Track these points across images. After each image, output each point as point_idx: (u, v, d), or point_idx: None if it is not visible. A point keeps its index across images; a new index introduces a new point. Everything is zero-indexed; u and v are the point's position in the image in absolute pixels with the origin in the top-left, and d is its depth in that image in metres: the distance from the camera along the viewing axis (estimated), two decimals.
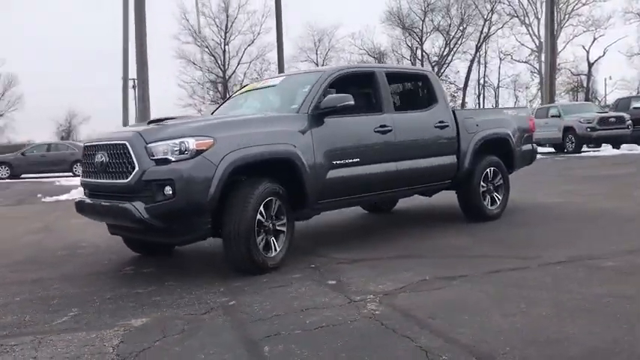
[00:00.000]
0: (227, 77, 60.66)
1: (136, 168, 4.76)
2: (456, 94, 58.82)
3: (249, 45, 58.27)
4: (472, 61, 57.97)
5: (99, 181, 5.20)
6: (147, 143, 4.78)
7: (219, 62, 60.98)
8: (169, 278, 5.10)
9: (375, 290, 4.33)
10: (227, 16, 59.40)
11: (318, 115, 5.55)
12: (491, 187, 7.31)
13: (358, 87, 6.56)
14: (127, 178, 4.83)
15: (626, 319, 3.40)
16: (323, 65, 60.75)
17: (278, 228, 5.23)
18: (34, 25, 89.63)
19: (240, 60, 59.63)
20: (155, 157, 4.73)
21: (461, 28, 57.19)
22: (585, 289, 4.06)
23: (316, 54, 64.77)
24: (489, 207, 7.25)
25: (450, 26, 57.35)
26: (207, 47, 60.58)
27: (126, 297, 4.58)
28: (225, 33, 60.29)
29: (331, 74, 5.94)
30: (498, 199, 7.38)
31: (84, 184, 5.56)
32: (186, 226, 4.89)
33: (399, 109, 6.65)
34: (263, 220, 5.02)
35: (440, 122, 6.72)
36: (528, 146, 8.02)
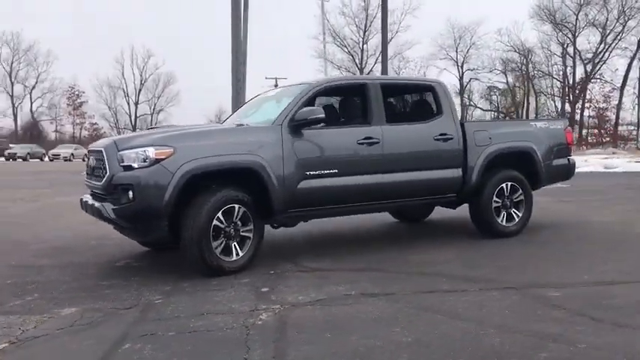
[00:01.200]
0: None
1: (108, 172, 5.29)
2: (611, 94, 54.25)
3: (387, 43, 58.38)
4: (633, 58, 52.88)
5: (90, 182, 5.82)
6: (118, 151, 5.29)
7: (357, 61, 62.04)
8: (141, 274, 5.57)
9: (289, 301, 4.46)
10: (367, 15, 60.26)
11: (294, 127, 5.73)
12: (509, 203, 6.98)
13: (349, 99, 6.63)
14: (101, 181, 5.38)
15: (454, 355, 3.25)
16: (463, 63, 59.38)
17: (243, 234, 5.49)
18: (189, 25, 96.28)
19: (377, 59, 59.92)
20: (123, 164, 5.22)
21: (621, 21, 52.53)
22: (488, 320, 3.88)
23: (456, 51, 63.43)
24: (504, 223, 6.94)
25: (607, 20, 52.93)
26: (345, 46, 61.89)
27: (87, 288, 5.10)
28: (364, 32, 61.18)
29: (311, 88, 6.09)
30: (517, 215, 7.04)
31: (86, 184, 6.23)
32: (146, 227, 5.33)
33: (396, 120, 6.57)
34: (222, 225, 5.31)
35: (442, 135, 6.57)
36: (562, 160, 7.52)
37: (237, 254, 5.46)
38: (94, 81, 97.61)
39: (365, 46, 60.73)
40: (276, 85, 58.60)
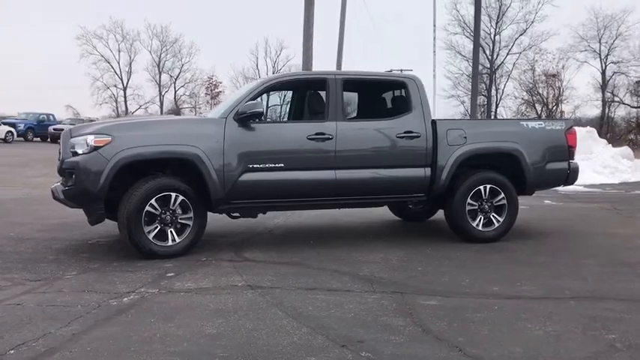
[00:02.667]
0: (494, 68, 58.92)
1: (61, 157, 5.82)
2: None
3: (520, 34, 55.51)
4: None
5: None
6: (71, 137, 5.79)
7: (487, 53, 59.80)
8: (94, 251, 6.04)
9: (170, 287, 4.68)
10: (500, 5, 57.80)
11: (241, 120, 5.90)
12: (487, 207, 6.62)
13: (306, 94, 6.65)
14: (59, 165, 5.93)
15: None
16: (607, 55, 54.97)
17: (182, 221, 5.78)
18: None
19: (509, 50, 57.13)
20: (72, 150, 5.72)
21: None
22: (326, 320, 3.85)
23: (599, 43, 58.68)
24: (480, 228, 6.59)
25: None
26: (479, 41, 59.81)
27: (32, 260, 5.63)
28: (497, 22, 58.75)
29: (263, 83, 6.21)
30: (496, 220, 6.65)
31: None
32: (88, 209, 5.78)
33: (361, 117, 6.50)
34: (156, 211, 5.63)
35: (407, 132, 6.37)
36: (560, 164, 6.94)
37: (174, 240, 5.72)
38: (231, 72, 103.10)
39: (497, 37, 58.12)
40: None
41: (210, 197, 5.81)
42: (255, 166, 5.91)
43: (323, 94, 6.38)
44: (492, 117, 47.48)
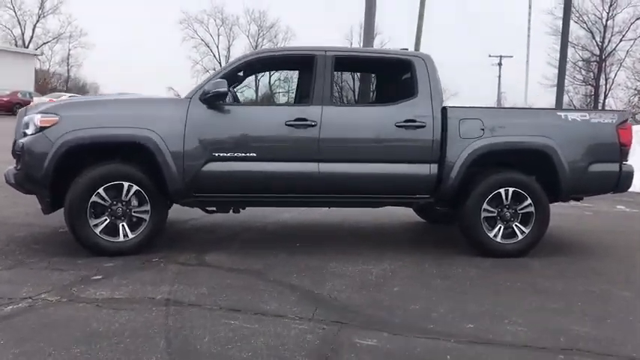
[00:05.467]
0: (604, 56, 54.50)
1: (14, 137, 5.29)
2: None
3: (638, 19, 50.82)
4: None
5: None
6: (25, 115, 5.25)
7: (597, 39, 55.35)
8: (52, 241, 5.49)
9: (77, 296, 4.00)
10: None
11: (207, 101, 5.12)
12: (509, 215, 5.44)
13: (289, 73, 5.70)
14: None
15: None
16: None
17: (136, 214, 5.10)
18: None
19: (623, 36, 52.47)
20: (24, 130, 5.17)
21: None
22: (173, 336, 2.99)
23: None
24: (498, 240, 5.44)
25: None
26: (584, 22, 55.58)
27: (7, 255, 5.16)
28: (610, 6, 54.17)
29: (238, 60, 5.36)
30: (520, 231, 5.46)
31: None
32: (38, 196, 5.21)
33: (353, 101, 5.50)
34: (104, 202, 4.98)
35: (408, 121, 5.31)
36: (609, 166, 5.60)
37: (126, 235, 5.04)
38: None
39: (610, 22, 53.43)
40: (499, 65, 55.24)
41: (166, 189, 5.05)
42: (221, 154, 5.09)
43: (303, 74, 5.43)
44: (600, 108, 43.73)
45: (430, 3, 20.40)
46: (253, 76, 6.33)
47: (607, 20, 53.43)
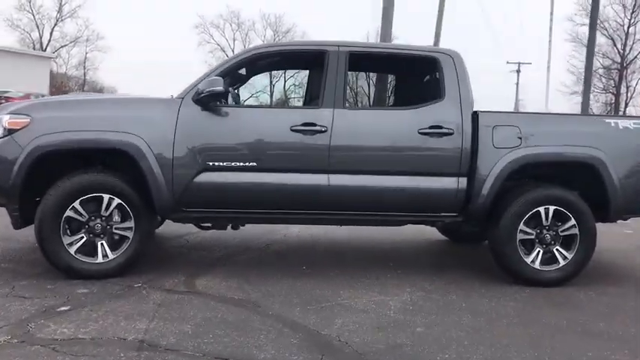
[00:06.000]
0: (625, 63, 53.20)
1: None
2: None
3: None
4: None
5: None
6: None
7: (619, 46, 54.04)
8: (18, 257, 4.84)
9: (32, 334, 3.30)
10: None
11: (201, 102, 4.43)
12: (549, 237, 4.68)
13: (295, 72, 4.96)
14: None
15: None
16: None
17: (118, 231, 4.41)
18: None
19: None
20: None
21: None
22: None
23: None
24: (537, 266, 4.68)
25: None
26: (605, 29, 54.28)
27: None
28: (632, 12, 52.84)
29: (236, 56, 4.67)
30: (562, 256, 4.69)
31: None
32: (8, 210, 4.55)
33: (372, 104, 4.77)
34: (80, 218, 4.30)
35: (434, 127, 4.58)
36: None
37: (105, 256, 4.36)
38: None
39: (631, 29, 52.10)
40: (518, 72, 53.95)
41: (152, 202, 4.36)
42: (216, 163, 4.40)
43: (313, 73, 4.73)
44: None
45: (447, 17, 19.67)
46: (255, 75, 5.59)
47: (629, 27, 52.14)
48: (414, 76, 5.34)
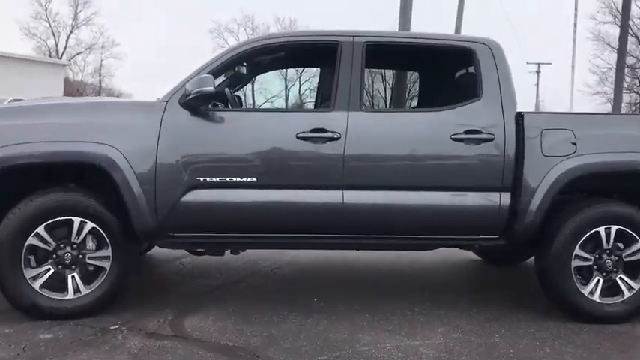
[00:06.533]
0: None
1: None
2: None
3: None
4: None
5: None
6: None
7: None
8: None
9: None
10: None
11: (189, 106, 3.70)
12: (610, 263, 3.86)
13: (303, 69, 4.21)
14: None
15: None
16: None
17: (92, 261, 3.69)
18: None
19: None
20: None
21: None
22: None
23: None
24: (596, 298, 3.87)
25: None
26: (630, 27, 52.70)
27: None
28: None
29: (230, 50, 3.92)
30: (628, 286, 3.87)
31: None
32: None
33: (393, 105, 3.99)
34: (47, 246, 3.59)
35: (469, 132, 3.79)
36: None
37: (77, 291, 3.64)
38: None
39: None
40: (538, 72, 52.54)
41: (131, 225, 3.63)
42: (208, 179, 3.66)
43: (323, 69, 3.98)
44: None
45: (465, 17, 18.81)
46: (258, 74, 4.84)
47: None
48: (445, 71, 4.54)
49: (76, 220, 3.62)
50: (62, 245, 3.63)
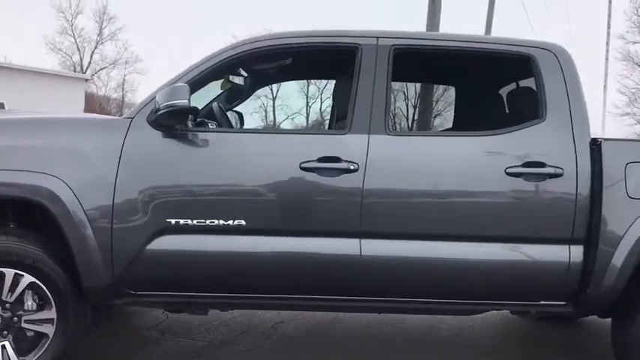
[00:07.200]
0: None
1: None
2: None
3: None
4: None
5: None
6: None
7: None
8: None
9: None
10: None
11: (159, 123, 2.81)
12: None
13: (312, 79, 3.32)
14: None
15: None
16: None
17: (31, 325, 2.80)
18: None
19: None
20: None
21: None
22: None
23: None
24: None
25: None
26: None
27: None
28: None
29: (215, 55, 3.01)
30: None
31: None
32: None
33: (424, 127, 3.09)
34: None
35: (530, 164, 2.85)
36: None
37: None
38: None
39: None
40: None
41: (79, 279, 2.74)
42: (183, 221, 2.77)
43: (338, 80, 3.09)
44: None
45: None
46: (259, 87, 3.95)
47: None
48: (494, 84, 3.59)
49: (9, 273, 2.74)
50: None
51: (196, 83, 2.92)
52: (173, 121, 2.78)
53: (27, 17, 60.76)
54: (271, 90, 4.09)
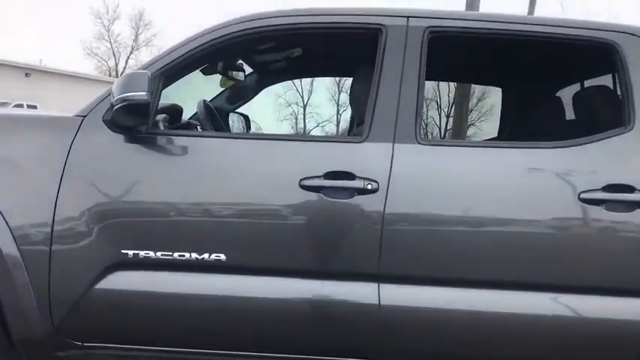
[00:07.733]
0: None
1: None
2: None
3: None
4: None
5: None
6: None
7: None
8: None
9: None
10: None
11: (118, 125, 2.15)
12: None
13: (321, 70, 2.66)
14: None
15: None
16: None
17: None
18: None
19: None
20: None
21: None
22: None
23: None
24: None
25: None
26: None
27: None
28: None
29: (194, 38, 2.28)
30: None
31: None
32: None
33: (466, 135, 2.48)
34: None
35: (613, 188, 2.07)
36: None
37: None
38: None
39: None
40: None
41: (7, 328, 2.06)
42: (143, 254, 2.07)
43: (356, 74, 2.38)
44: None
45: None
46: (264, 87, 3.25)
47: None
48: (562, 80, 2.80)
49: None
50: None
51: (171, 72, 2.23)
52: (133, 121, 2.09)
53: (64, 22, 61.75)
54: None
